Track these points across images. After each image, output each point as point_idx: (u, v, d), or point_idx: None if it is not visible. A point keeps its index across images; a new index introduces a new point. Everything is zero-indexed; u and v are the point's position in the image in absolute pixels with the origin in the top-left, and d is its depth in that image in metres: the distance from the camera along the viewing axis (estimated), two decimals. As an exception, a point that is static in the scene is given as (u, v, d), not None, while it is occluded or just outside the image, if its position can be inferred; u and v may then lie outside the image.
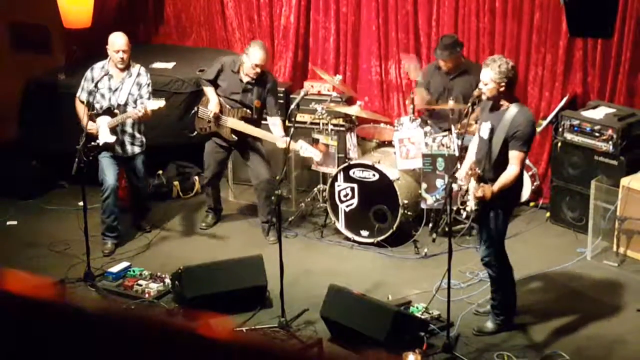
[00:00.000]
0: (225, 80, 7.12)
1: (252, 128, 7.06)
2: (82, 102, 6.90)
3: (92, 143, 6.71)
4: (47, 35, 8.79)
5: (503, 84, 5.46)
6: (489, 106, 5.61)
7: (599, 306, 6.29)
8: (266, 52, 7.05)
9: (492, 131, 5.52)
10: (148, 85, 6.96)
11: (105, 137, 6.79)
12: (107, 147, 6.87)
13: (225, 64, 7.16)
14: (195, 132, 7.32)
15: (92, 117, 6.80)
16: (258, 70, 6.98)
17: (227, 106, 7.10)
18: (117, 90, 6.91)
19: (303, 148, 6.88)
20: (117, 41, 6.91)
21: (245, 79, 7.06)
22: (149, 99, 6.89)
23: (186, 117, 7.79)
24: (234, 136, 7.12)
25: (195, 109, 7.29)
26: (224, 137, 7.20)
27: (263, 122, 7.24)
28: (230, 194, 8.15)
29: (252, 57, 6.95)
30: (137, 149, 7.07)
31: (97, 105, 6.88)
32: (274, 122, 7.12)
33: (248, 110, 7.08)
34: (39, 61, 8.65)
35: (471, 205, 5.53)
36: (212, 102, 7.11)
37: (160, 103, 6.77)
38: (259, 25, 8.80)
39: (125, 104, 6.88)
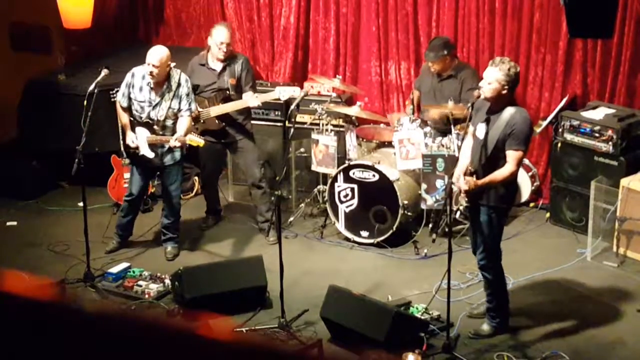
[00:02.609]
0: (199, 78, 7.15)
1: (233, 104, 7.08)
2: (123, 108, 6.74)
3: (132, 150, 6.69)
4: (48, 35, 8.79)
5: (507, 86, 5.42)
6: (485, 107, 5.57)
7: (599, 307, 6.28)
8: (230, 30, 7.13)
9: (486, 132, 5.51)
10: (187, 95, 6.68)
11: (145, 151, 6.68)
12: (146, 158, 6.72)
13: (192, 63, 7.24)
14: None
15: (133, 125, 6.70)
16: (224, 48, 7.01)
17: (206, 100, 7.13)
18: (157, 105, 6.64)
19: (281, 93, 6.92)
20: (149, 55, 6.58)
21: (216, 66, 7.10)
22: (188, 109, 6.67)
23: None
24: (222, 123, 7.13)
25: None
26: (214, 132, 7.20)
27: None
28: (230, 195, 8.15)
29: (217, 36, 7.01)
30: (177, 156, 6.83)
31: (135, 114, 6.69)
32: (246, 95, 7.12)
33: (226, 92, 7.11)
34: (39, 61, 8.65)
35: (462, 202, 5.54)
36: None
37: (200, 141, 6.58)
38: (258, 26, 8.80)
39: (165, 119, 6.67)
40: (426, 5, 8.02)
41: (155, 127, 6.67)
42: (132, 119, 6.72)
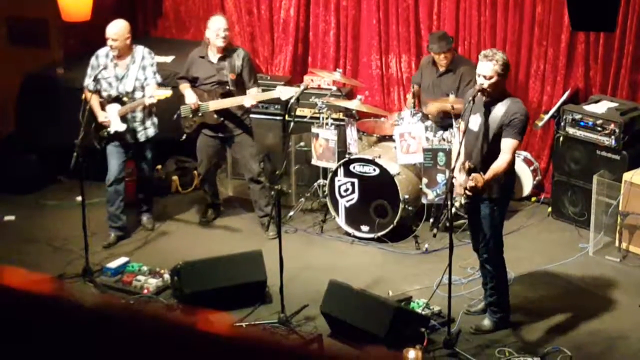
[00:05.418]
0: (198, 70, 7.13)
1: (232, 99, 7.05)
2: (90, 92, 6.85)
3: (103, 131, 6.79)
4: (46, 28, 8.74)
5: (503, 76, 5.44)
6: (481, 99, 5.53)
7: (601, 302, 6.26)
8: (226, 19, 7.17)
9: (483, 123, 5.48)
10: (152, 65, 6.93)
11: (116, 125, 6.81)
12: (118, 135, 6.85)
13: (192, 55, 7.22)
14: (185, 134, 7.29)
15: (102, 105, 6.81)
16: (222, 34, 6.97)
17: (205, 93, 7.09)
18: (124, 78, 6.85)
19: (282, 93, 6.90)
20: (107, 30, 6.82)
21: (215, 58, 7.06)
22: (154, 78, 6.87)
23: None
24: (220, 118, 7.09)
25: (178, 112, 7.25)
26: (211, 125, 7.16)
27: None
28: (229, 189, 8.12)
29: (214, 24, 7.00)
30: (150, 133, 7.04)
31: (104, 94, 6.85)
32: (251, 92, 7.10)
33: (226, 86, 7.06)
34: (38, 55, 8.61)
35: (460, 199, 5.49)
36: (187, 97, 7.10)
37: (167, 92, 6.78)
38: (258, 19, 8.76)
39: (133, 91, 6.85)
40: (427, -2, 7.98)
41: (125, 99, 6.83)
42: (102, 100, 6.84)
